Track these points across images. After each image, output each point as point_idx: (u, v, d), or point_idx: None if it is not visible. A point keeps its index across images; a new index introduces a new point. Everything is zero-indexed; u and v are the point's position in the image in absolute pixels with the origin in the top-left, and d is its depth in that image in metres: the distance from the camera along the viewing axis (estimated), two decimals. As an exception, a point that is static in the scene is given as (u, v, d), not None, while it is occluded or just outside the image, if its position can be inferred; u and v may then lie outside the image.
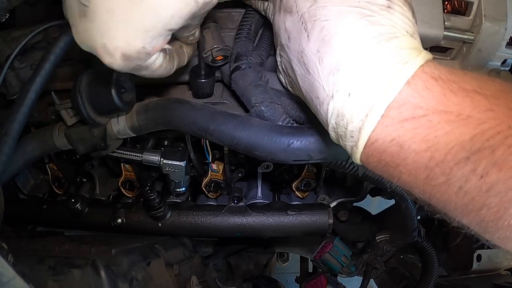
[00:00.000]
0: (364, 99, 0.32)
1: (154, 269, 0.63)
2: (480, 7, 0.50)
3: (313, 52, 0.36)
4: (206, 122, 0.58)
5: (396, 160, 0.32)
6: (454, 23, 0.50)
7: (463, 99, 0.30)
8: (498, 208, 0.27)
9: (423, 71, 0.32)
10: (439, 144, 0.30)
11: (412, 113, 0.31)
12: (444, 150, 0.29)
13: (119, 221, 0.82)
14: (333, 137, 0.38)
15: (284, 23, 0.40)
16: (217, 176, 0.86)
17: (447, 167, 0.29)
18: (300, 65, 0.38)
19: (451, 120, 0.30)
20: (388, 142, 0.32)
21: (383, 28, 0.34)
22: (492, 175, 0.27)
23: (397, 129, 0.31)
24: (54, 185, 0.91)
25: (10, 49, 0.66)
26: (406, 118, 0.31)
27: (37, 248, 0.61)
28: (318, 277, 1.06)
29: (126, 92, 0.61)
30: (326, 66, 0.34)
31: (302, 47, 0.37)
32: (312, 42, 0.36)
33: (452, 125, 0.29)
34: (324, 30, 0.35)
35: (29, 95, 0.49)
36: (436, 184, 0.31)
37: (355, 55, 0.33)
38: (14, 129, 0.48)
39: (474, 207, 0.29)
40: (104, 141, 0.66)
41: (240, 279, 1.03)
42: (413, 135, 0.31)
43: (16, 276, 0.38)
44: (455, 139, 0.29)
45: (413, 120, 0.31)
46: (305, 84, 0.38)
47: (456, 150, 0.29)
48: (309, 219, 0.83)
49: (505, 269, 1.00)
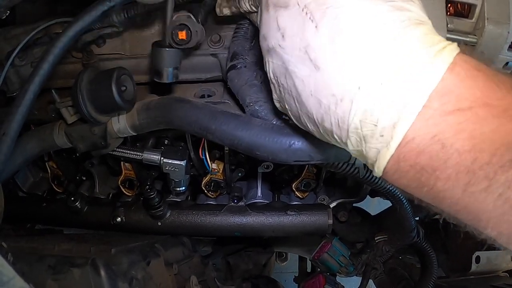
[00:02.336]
0: (400, 88, 0.28)
1: (153, 268, 0.63)
2: (483, 10, 0.50)
3: (324, 44, 0.31)
4: (207, 122, 0.58)
5: (435, 162, 0.27)
6: (457, 26, 0.50)
7: (507, 94, 0.27)
8: None
9: (463, 59, 0.28)
10: (484, 143, 0.26)
11: (456, 104, 0.27)
12: (490, 151, 0.26)
13: (118, 219, 0.82)
14: (352, 143, 0.32)
15: (276, 21, 0.35)
16: (217, 176, 0.86)
17: (491, 170, 0.26)
18: (303, 63, 0.33)
19: (498, 116, 0.26)
20: (429, 139, 0.27)
21: (410, 13, 0.30)
22: None
23: (439, 123, 0.27)
24: (53, 183, 0.90)
25: (11, 47, 0.66)
26: (450, 111, 0.27)
27: (36, 246, 0.61)
28: (317, 277, 1.06)
29: (127, 90, 0.61)
30: (346, 57, 0.30)
31: (307, 41, 0.32)
32: (323, 33, 0.31)
33: (498, 122, 0.26)
34: (339, 17, 0.30)
35: (27, 95, 0.49)
36: (475, 191, 0.27)
37: (383, 41, 0.29)
38: (13, 129, 0.48)
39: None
40: (104, 140, 0.66)
41: (239, 278, 1.03)
42: (458, 131, 0.26)
43: (16, 276, 0.38)
44: (501, 138, 0.26)
45: (458, 113, 0.26)
46: (310, 85, 0.33)
47: (502, 150, 0.25)
48: (308, 220, 0.83)
49: (503, 271, 1.00)
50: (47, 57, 0.51)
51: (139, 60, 0.69)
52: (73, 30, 0.51)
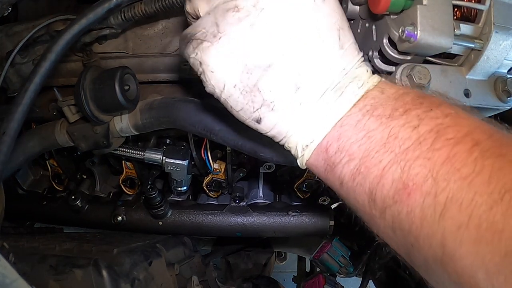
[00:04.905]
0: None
1: (155, 269, 0.63)
2: (490, 15, 0.50)
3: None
4: (211, 123, 0.58)
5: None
6: (464, 30, 0.50)
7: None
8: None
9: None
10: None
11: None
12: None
13: (119, 218, 0.81)
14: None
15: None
16: (218, 176, 0.86)
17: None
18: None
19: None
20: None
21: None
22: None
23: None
24: (54, 181, 0.90)
25: (12, 44, 0.65)
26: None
27: (37, 246, 0.60)
28: (317, 277, 1.06)
29: (130, 90, 0.60)
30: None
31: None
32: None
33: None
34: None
35: (28, 94, 0.48)
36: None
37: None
38: (13, 129, 0.48)
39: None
40: (106, 139, 0.65)
41: (239, 279, 1.03)
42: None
43: (19, 278, 0.38)
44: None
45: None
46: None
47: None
48: (310, 220, 0.83)
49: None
50: (49, 55, 0.50)
51: (142, 59, 0.69)
52: (76, 28, 0.50)
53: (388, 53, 0.53)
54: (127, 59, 0.68)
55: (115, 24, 0.60)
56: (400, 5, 0.46)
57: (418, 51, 0.49)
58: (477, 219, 0.26)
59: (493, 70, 0.54)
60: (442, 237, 0.28)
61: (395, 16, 0.50)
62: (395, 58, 0.53)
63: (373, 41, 0.56)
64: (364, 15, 0.58)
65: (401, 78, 0.49)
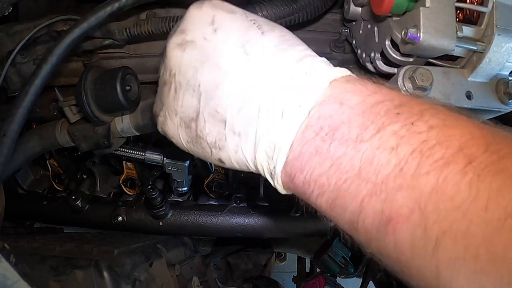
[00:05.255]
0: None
1: (156, 269, 0.63)
2: (493, 17, 0.50)
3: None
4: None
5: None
6: (466, 33, 0.50)
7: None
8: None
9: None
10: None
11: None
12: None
13: (119, 219, 0.81)
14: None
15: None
16: (219, 176, 0.86)
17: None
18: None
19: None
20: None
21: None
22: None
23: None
24: (54, 181, 0.90)
25: (13, 43, 0.65)
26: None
27: (37, 246, 0.60)
28: (317, 278, 1.06)
29: (131, 90, 0.60)
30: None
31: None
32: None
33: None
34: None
35: (28, 97, 0.48)
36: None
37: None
38: (13, 130, 0.48)
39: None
40: (107, 139, 0.65)
41: (240, 279, 1.03)
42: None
43: (20, 280, 0.38)
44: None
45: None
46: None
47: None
48: (310, 221, 0.83)
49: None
50: (50, 58, 0.50)
51: (144, 59, 0.68)
52: (78, 31, 0.50)
53: (390, 55, 0.53)
54: (128, 59, 0.68)
55: (119, 39, 0.61)
56: (403, 7, 0.46)
57: (420, 53, 0.49)
58: (475, 251, 0.23)
59: (495, 72, 0.54)
60: (436, 269, 0.25)
61: (397, 17, 0.50)
62: (397, 60, 0.53)
63: (375, 43, 0.56)
64: (367, 17, 0.57)
65: (403, 80, 0.49)
